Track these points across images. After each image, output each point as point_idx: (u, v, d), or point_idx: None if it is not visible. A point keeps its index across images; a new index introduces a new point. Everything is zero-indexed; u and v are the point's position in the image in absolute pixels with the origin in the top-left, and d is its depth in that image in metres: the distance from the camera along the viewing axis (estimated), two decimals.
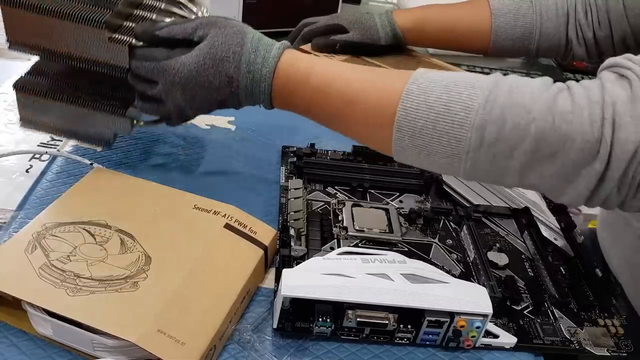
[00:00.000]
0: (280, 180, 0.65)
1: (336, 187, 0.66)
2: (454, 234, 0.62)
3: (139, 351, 0.42)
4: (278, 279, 0.50)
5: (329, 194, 0.64)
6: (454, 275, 0.54)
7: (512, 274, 0.58)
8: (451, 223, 0.63)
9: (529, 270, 0.59)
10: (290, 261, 0.52)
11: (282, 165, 0.68)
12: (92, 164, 0.61)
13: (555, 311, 0.55)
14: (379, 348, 0.50)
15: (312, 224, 0.59)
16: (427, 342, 0.50)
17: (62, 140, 0.67)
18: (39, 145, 0.66)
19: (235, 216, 0.54)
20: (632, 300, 0.58)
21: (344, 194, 0.65)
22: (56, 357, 0.45)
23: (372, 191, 0.66)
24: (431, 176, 0.67)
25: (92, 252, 0.49)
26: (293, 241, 0.55)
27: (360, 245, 0.58)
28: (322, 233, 0.58)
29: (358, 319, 0.47)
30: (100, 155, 0.66)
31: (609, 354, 0.51)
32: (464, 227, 0.62)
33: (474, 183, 0.68)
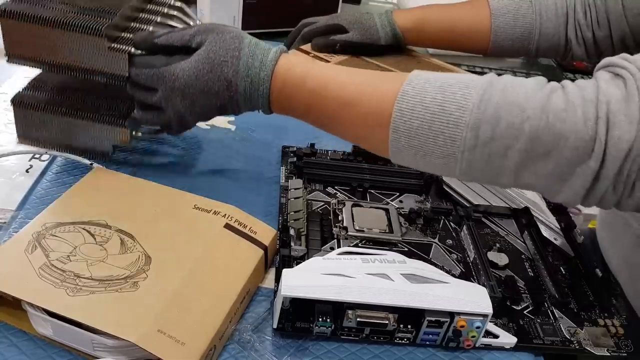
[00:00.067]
0: (280, 180, 0.65)
1: (336, 187, 0.66)
2: (454, 234, 0.62)
3: (139, 351, 0.42)
4: (278, 279, 0.50)
5: (329, 194, 0.64)
6: (454, 275, 0.54)
7: (512, 274, 0.58)
8: (451, 223, 0.63)
9: (529, 270, 0.59)
10: (290, 261, 0.52)
11: (282, 165, 0.68)
12: (92, 164, 0.61)
13: (555, 311, 0.55)
14: (379, 348, 0.50)
15: (312, 224, 0.59)
16: (427, 342, 0.50)
17: None
18: None
19: (235, 216, 0.54)
20: (630, 300, 0.58)
21: (344, 194, 0.65)
22: (56, 357, 0.45)
23: (372, 191, 0.66)
24: (431, 176, 0.67)
25: (92, 252, 0.49)
26: (293, 241, 0.55)
27: (360, 245, 0.58)
28: (322, 233, 0.58)
29: (358, 319, 0.47)
30: None
31: (609, 354, 0.51)
32: (464, 227, 0.62)
33: (474, 183, 0.68)
